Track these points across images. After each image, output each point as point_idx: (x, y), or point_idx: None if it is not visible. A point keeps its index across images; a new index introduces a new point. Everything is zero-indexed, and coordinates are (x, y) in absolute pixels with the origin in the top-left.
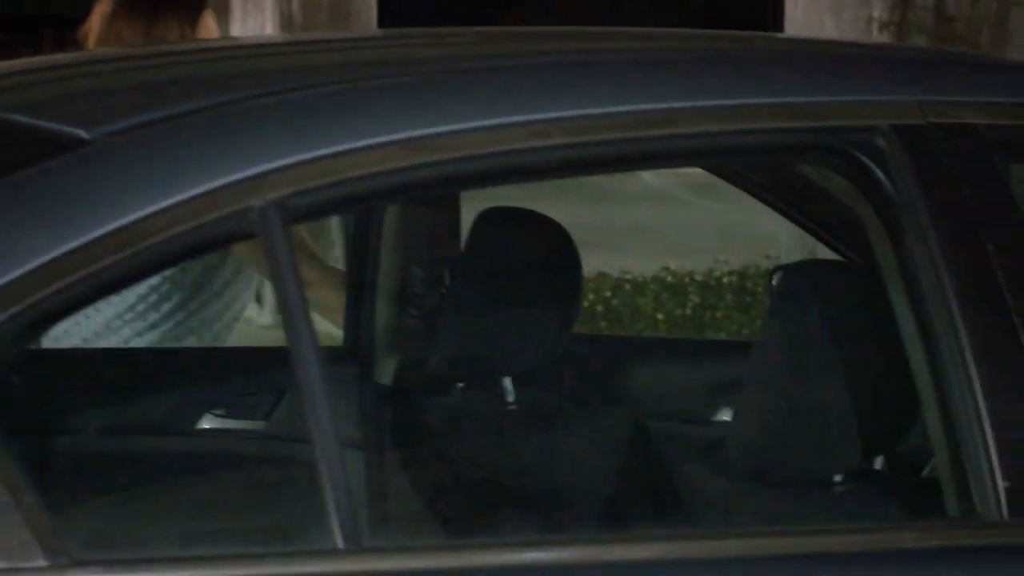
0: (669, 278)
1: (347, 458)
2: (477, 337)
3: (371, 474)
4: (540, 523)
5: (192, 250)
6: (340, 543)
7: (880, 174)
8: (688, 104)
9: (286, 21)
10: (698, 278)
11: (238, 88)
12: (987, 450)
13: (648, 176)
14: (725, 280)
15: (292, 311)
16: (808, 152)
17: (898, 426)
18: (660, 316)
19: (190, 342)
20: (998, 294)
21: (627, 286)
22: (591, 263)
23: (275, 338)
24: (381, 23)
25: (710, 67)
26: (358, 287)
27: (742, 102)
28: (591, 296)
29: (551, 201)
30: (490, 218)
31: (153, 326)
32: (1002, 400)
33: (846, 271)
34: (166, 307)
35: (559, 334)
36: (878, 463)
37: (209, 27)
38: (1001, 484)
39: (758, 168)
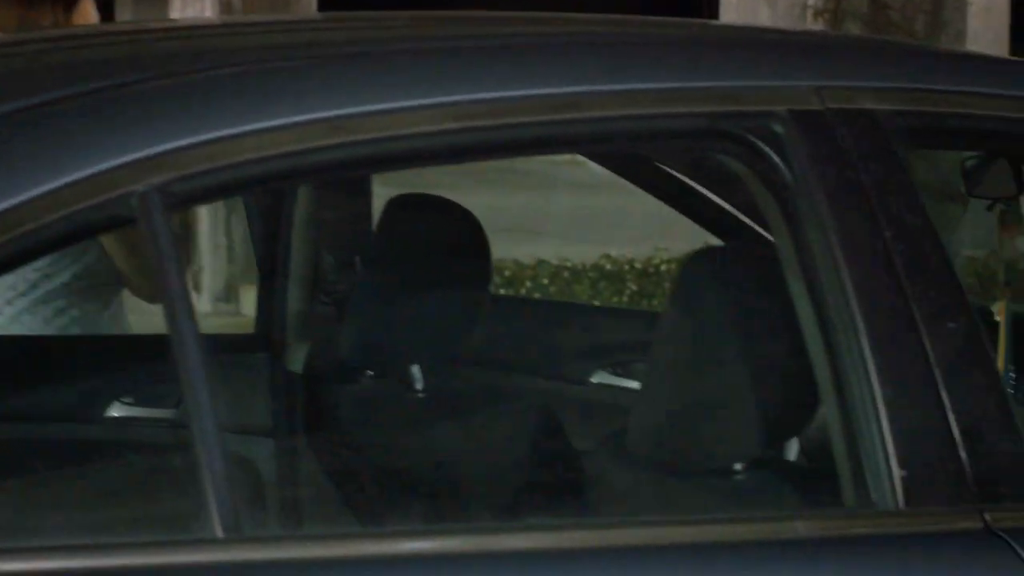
0: (608, 266)
1: (251, 446)
2: (386, 324)
3: (277, 462)
4: (439, 512)
5: (73, 235)
6: (219, 532)
7: (777, 159)
8: (585, 88)
9: (226, 8)
10: (637, 266)
11: (122, 72)
12: (883, 438)
13: (592, 163)
14: (664, 268)
15: (172, 297)
16: (705, 138)
17: (799, 414)
18: (596, 304)
19: (58, 306)
20: (895, 281)
21: (566, 274)
22: (531, 250)
23: (214, 325)
24: (322, 8)
25: (606, 52)
26: (269, 273)
27: (637, 87)
28: (528, 283)
29: (491, 187)
30: (400, 204)
31: (23, 294)
32: (898, 388)
33: (746, 257)
34: (32, 276)
35: (468, 322)
36: (792, 452)
37: (87, 14)
38: (897, 473)
39: (654, 154)
